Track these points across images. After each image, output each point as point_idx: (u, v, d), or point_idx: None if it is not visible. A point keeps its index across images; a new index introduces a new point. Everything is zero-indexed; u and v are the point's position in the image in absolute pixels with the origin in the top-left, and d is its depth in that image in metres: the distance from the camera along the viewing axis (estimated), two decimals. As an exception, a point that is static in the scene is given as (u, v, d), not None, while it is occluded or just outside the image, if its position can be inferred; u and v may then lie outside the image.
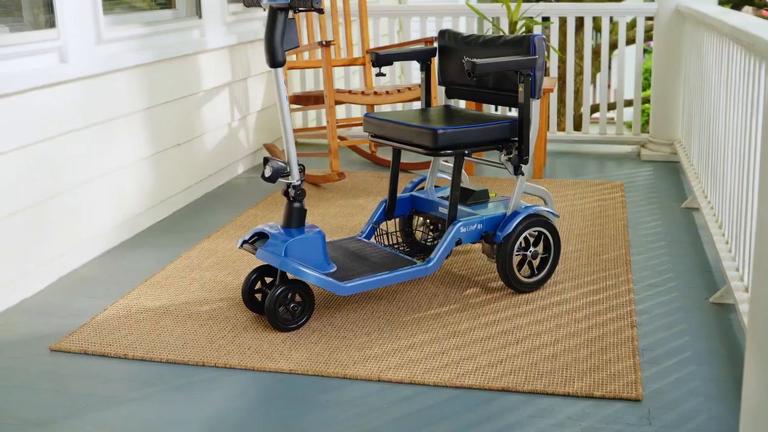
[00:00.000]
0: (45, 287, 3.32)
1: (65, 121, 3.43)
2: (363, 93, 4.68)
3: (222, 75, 4.79)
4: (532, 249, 3.16)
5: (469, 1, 5.48)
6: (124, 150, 3.86)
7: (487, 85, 3.23)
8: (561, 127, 7.54)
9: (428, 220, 3.46)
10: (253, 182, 4.94)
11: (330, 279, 2.82)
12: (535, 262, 3.19)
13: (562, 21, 5.48)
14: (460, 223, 3.05)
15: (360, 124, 5.12)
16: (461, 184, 3.35)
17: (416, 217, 3.48)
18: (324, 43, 4.48)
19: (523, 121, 3.05)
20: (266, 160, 2.85)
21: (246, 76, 5.12)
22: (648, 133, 5.53)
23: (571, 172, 5.07)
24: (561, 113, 8.17)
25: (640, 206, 4.30)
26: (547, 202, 3.31)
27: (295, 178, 2.89)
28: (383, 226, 3.54)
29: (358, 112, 6.08)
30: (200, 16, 4.58)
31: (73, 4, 3.46)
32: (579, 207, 4.26)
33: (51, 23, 3.36)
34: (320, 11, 2.69)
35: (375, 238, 3.35)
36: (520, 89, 3.03)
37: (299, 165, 2.91)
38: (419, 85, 4.80)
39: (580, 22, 6.66)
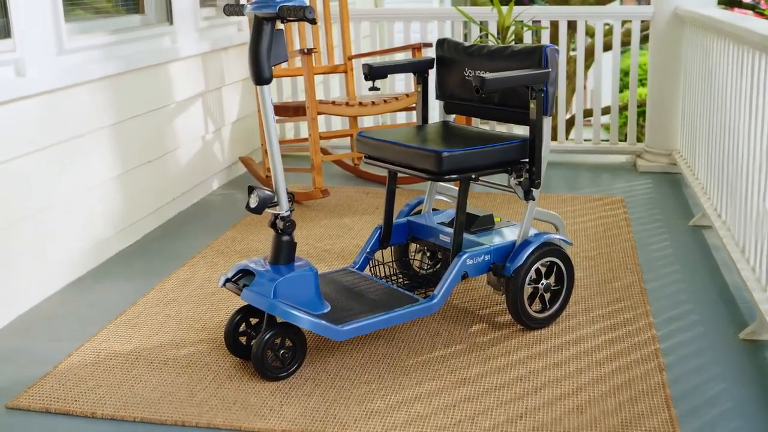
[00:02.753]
0: (1, 328, 2.98)
1: (23, 141, 3.08)
2: (347, 104, 4.37)
3: (195, 85, 4.46)
4: (544, 281, 2.87)
5: (440, 4, 5.18)
6: (90, 169, 3.52)
7: (492, 100, 2.94)
8: (552, 135, 7.11)
9: (426, 249, 3.17)
10: (229, 199, 4.61)
11: (325, 323, 2.51)
12: (547, 296, 2.90)
13: (554, 25, 5.20)
14: (466, 255, 2.75)
15: (343, 136, 4.81)
16: (463, 209, 3.06)
17: (413, 244, 3.19)
18: (305, 50, 4.16)
19: (535, 141, 2.76)
20: (251, 190, 2.54)
21: (220, 85, 4.79)
22: (643, 142, 5.27)
23: (566, 185, 4.80)
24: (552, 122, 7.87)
25: (645, 224, 4.03)
26: (559, 228, 3.02)
27: (283, 209, 2.58)
28: (378, 254, 3.23)
29: (339, 122, 5.77)
30: (171, 22, 4.24)
31: (32, 12, 3.11)
32: (581, 226, 3.99)
33: (6, 33, 3.01)
34: (313, 22, 2.38)
35: (370, 269, 3.04)
36: (532, 106, 2.74)
37: (288, 193, 2.59)
38: (406, 95, 4.51)
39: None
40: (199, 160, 4.56)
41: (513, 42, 4.86)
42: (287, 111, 4.57)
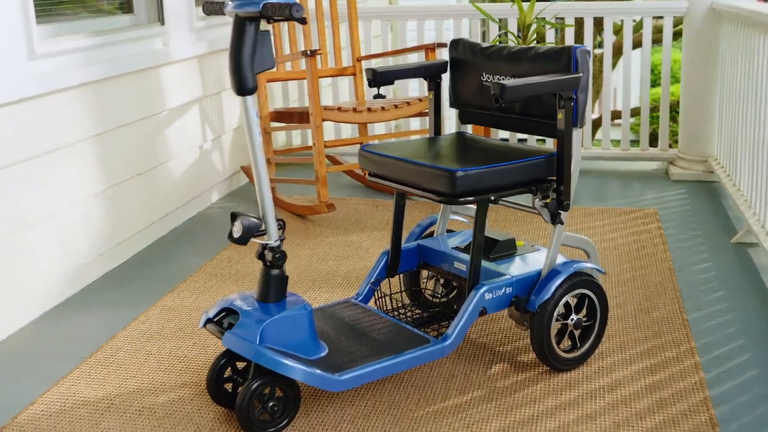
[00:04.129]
0: (-38, 368, 2.65)
1: (-12, 158, 2.76)
2: (355, 110, 4.01)
3: (190, 90, 4.12)
4: (574, 317, 2.50)
5: (458, 2, 4.82)
6: (67, 187, 3.18)
7: (513, 109, 2.58)
8: None
9: (440, 276, 2.81)
10: (228, 212, 4.27)
11: (320, 372, 2.16)
12: (577, 333, 2.53)
13: (578, 22, 4.83)
14: (484, 288, 2.39)
15: (353, 143, 4.45)
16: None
17: (424, 271, 2.83)
18: (309, 52, 3.81)
19: (563, 156, 2.39)
20: (234, 216, 2.19)
21: (219, 90, 4.45)
22: (676, 148, 4.89)
23: (593, 196, 4.42)
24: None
25: (682, 241, 3.65)
26: (591, 255, 2.65)
27: (272, 238, 2.23)
28: (386, 283, 2.88)
29: (348, 129, 5.43)
30: (163, 23, 3.90)
31: (-4, 12, 2.79)
32: (612, 243, 3.61)
33: (-35, 37, 2.68)
34: (302, 21, 2.02)
35: (375, 301, 2.69)
36: (560, 116, 2.37)
37: (278, 220, 2.24)
38: (419, 99, 4.16)
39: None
40: (196, 171, 4.22)
41: (535, 41, 4.50)
42: (291, 117, 4.22)
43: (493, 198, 2.35)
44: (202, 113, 4.28)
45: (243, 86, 2.10)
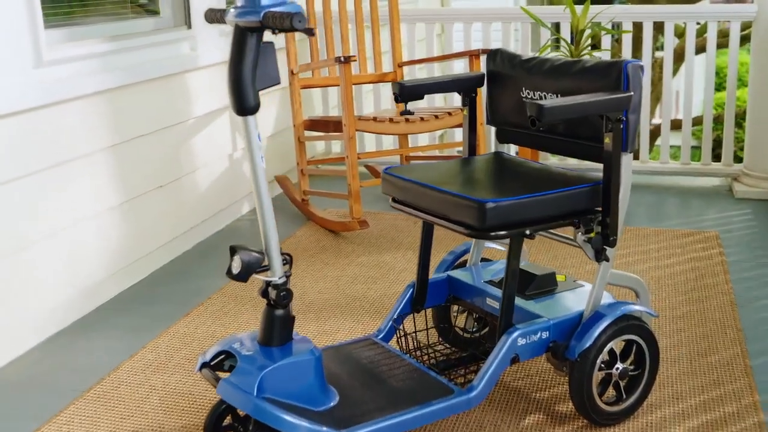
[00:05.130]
0: (-48, 400, 2.47)
1: (-11, 172, 2.58)
2: (391, 120, 3.76)
3: (220, 96, 3.91)
4: (619, 365, 2.21)
5: (515, 4, 4.52)
6: (79, 200, 2.99)
7: (556, 129, 2.29)
8: (633, 154, 6.07)
9: (472, 312, 2.54)
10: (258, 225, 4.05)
11: (327, 430, 1.91)
12: (623, 383, 2.24)
13: (637, 26, 4.50)
14: (517, 333, 2.11)
15: (391, 155, 4.20)
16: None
17: (455, 306, 2.56)
18: (342, 59, 3.57)
19: (610, 185, 2.11)
20: (234, 251, 1.95)
21: (252, 96, 4.22)
22: (741, 163, 4.52)
23: (648, 215, 4.10)
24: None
25: (747, 270, 3.32)
26: (640, 295, 2.35)
27: (276, 275, 1.99)
28: (410, 319, 2.61)
29: (390, 138, 5.16)
30: (190, 26, 3.70)
31: (-1, 17, 2.60)
32: (667, 271, 3.30)
33: (-38, 43, 2.50)
34: (308, 33, 1.78)
35: (397, 340, 2.43)
36: (606, 140, 2.08)
37: (284, 255, 2.00)
38: (461, 109, 3.87)
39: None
40: (225, 182, 4.01)
41: (589, 47, 4.19)
42: (327, 126, 3.99)
43: (528, 232, 2.07)
44: (233, 121, 4.07)
45: (243, 105, 1.87)
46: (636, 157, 4.77)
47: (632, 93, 2.07)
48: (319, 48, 4.23)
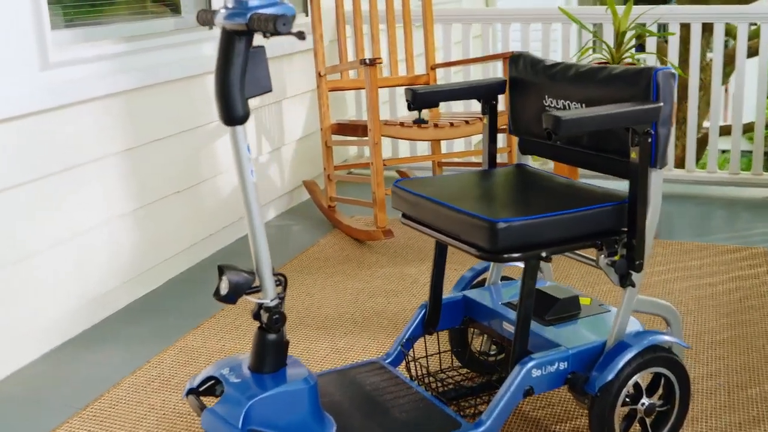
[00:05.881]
0: (-55, 414, 2.38)
1: (-10, 178, 2.48)
2: (419, 125, 3.60)
3: (245, 99, 3.78)
4: (645, 401, 2.03)
5: (567, 4, 4.31)
6: (88, 207, 2.89)
7: (579, 141, 2.11)
8: (678, 162, 5.24)
9: (490, 336, 2.37)
10: (284, 231, 3.93)
11: (315, 467, 1.76)
12: (649, 420, 2.06)
13: (685, 27, 4.27)
14: (531, 363, 1.94)
15: (419, 161, 4.04)
16: (538, 286, 2.25)
17: (472, 329, 2.40)
18: (367, 61, 3.42)
19: (636, 204, 1.92)
20: (222, 271, 1.81)
21: (280, 98, 4.11)
22: (795, 173, 4.27)
23: (692, 228, 3.87)
24: (678, 143, 6.74)
25: (796, 291, 3.09)
26: (672, 324, 2.16)
27: (268, 297, 1.84)
28: (421, 343, 2.45)
29: (425, 143, 4.98)
30: (211, 27, 3.56)
31: None
32: (708, 291, 3.08)
33: (-39, 44, 2.41)
34: (300, 36, 1.63)
35: (406, 364, 2.27)
36: (633, 155, 1.90)
37: (277, 276, 1.86)
38: (480, 118, 3.70)
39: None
40: (248, 187, 3.88)
41: (633, 50, 3.97)
42: (355, 130, 3.84)
43: (544, 254, 1.90)
44: (258, 124, 3.95)
45: (231, 114, 1.73)
46: (681, 166, 4.54)
47: (662, 104, 1.88)
48: (347, 50, 4.09)
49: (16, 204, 2.59)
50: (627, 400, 2.01)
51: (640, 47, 4.86)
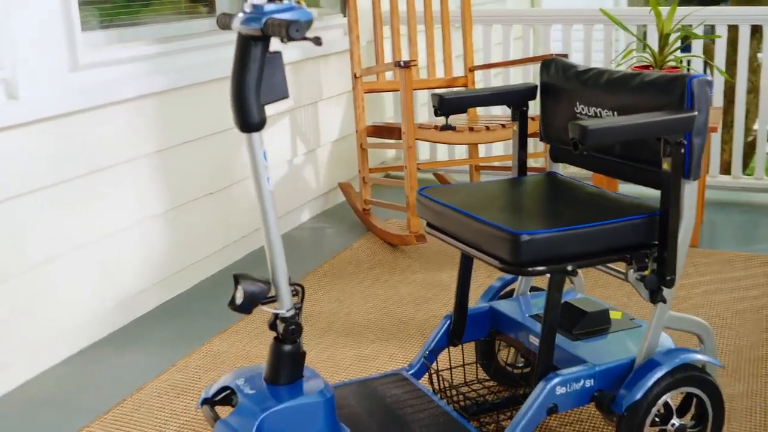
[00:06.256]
0: (-30, 415, 2.39)
1: (22, 178, 2.48)
2: (454, 129, 3.54)
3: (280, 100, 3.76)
4: (675, 421, 1.95)
5: (616, 5, 4.21)
6: (121, 208, 2.89)
7: (611, 150, 2.04)
8: (725, 167, 5.19)
9: (516, 349, 2.31)
10: (318, 234, 3.91)
11: (328, 484, 1.72)
12: (680, 441, 1.98)
13: (733, 29, 4.14)
14: (556, 380, 1.88)
15: (456, 165, 3.97)
16: (567, 298, 2.19)
17: (499, 341, 2.34)
18: (402, 63, 3.37)
19: (668, 217, 1.84)
20: (237, 279, 1.78)
21: (316, 99, 4.08)
22: None
23: (736, 237, 3.75)
24: (725, 147, 6.57)
25: (843, 305, 2.97)
26: (705, 342, 2.07)
27: (284, 307, 1.81)
28: (445, 355, 2.40)
29: (464, 147, 4.91)
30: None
31: (27, 20, 2.50)
32: (751, 304, 2.98)
33: (-10, 46, 2.41)
34: (316, 42, 1.59)
35: (429, 377, 2.22)
36: (665, 165, 1.82)
37: (294, 286, 1.82)
38: (532, 118, 3.62)
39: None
40: (283, 189, 3.87)
41: (678, 51, 3.86)
42: (391, 133, 3.80)
43: (570, 268, 1.83)
44: (294, 125, 3.92)
45: (247, 121, 1.69)
46: (727, 172, 4.41)
47: (696, 113, 1.80)
48: (384, 51, 4.04)
49: (47, 205, 2.59)
50: (656, 420, 1.93)
51: (687, 48, 4.74)
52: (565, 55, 3.69)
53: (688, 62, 4.17)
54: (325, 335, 2.81)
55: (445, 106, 2.15)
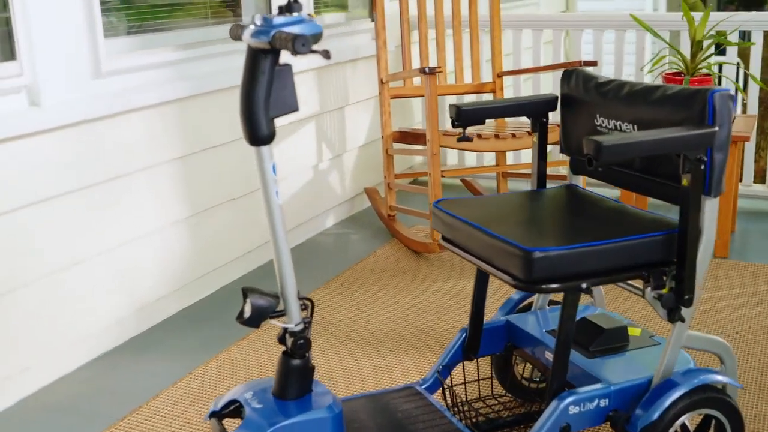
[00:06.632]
0: (-12, 419, 2.41)
1: (44, 184, 2.50)
2: (479, 136, 3.50)
3: (306, 105, 3.76)
4: (693, 444, 1.90)
5: (656, 9, 4.15)
6: (142, 214, 2.90)
7: (631, 163, 2.00)
8: (759, 176, 4.91)
9: (532, 364, 2.27)
10: (342, 239, 3.89)
11: (332, 502, 1.70)
12: (698, 463, 1.93)
13: (768, 36, 4.05)
14: (569, 399, 1.84)
15: (488, 170, 3.93)
16: (585, 314, 2.15)
17: (516, 356, 2.30)
18: (427, 70, 3.34)
19: (687, 234, 1.80)
20: (245, 293, 1.77)
21: (342, 105, 4.07)
22: None
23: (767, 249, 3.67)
24: (761, 154, 6.44)
25: None
26: (725, 362, 2.02)
27: (293, 321, 1.79)
28: (459, 369, 2.37)
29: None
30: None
31: (50, 27, 2.51)
32: (779, 319, 2.91)
33: (12, 54, 2.42)
34: (325, 55, 1.57)
35: (443, 392, 2.19)
36: (684, 182, 1.78)
37: (303, 300, 1.80)
38: (557, 125, 3.58)
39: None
40: (307, 194, 3.86)
41: (712, 58, 3.78)
42: (417, 139, 3.78)
43: (584, 286, 1.79)
44: (319, 131, 3.91)
45: (256, 134, 1.67)
46: (762, 181, 4.31)
47: (717, 128, 1.75)
48: (411, 56, 4.01)
49: (68, 211, 2.60)
50: (673, 441, 1.89)
51: (723, 52, 4.65)
52: (594, 63, 3.64)
53: (720, 69, 4.09)
54: (343, 344, 2.79)
55: (462, 117, 2.12)
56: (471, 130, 3.66)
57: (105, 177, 2.73)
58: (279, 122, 3.58)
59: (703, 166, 1.76)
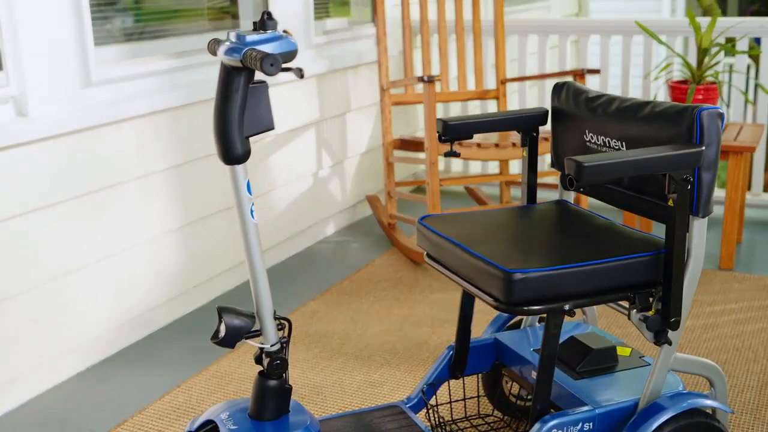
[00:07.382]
0: (-27, 432, 2.39)
1: (31, 195, 2.48)
2: (479, 145, 3.46)
3: (305, 112, 3.73)
4: (680, 470, 1.85)
5: (673, 14, 4.09)
6: (135, 224, 2.87)
7: (620, 181, 1.95)
8: None
9: (519, 384, 2.23)
10: (341, 248, 3.85)
11: None
12: (686, 490, 1.87)
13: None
14: (552, 423, 1.79)
15: (491, 180, 3.88)
16: (574, 332, 2.10)
17: (504, 375, 2.26)
18: (426, 78, 3.30)
19: (673, 256, 1.75)
20: (221, 313, 1.74)
21: (344, 111, 4.03)
22: None
23: (776, 260, 3.60)
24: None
25: None
26: (715, 386, 1.96)
27: (269, 341, 1.76)
28: (445, 388, 2.32)
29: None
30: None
31: (37, 37, 2.49)
32: (781, 335, 2.84)
33: (-1, 64, 2.41)
34: (298, 74, 1.53)
35: (427, 411, 2.15)
36: (671, 202, 1.73)
37: (279, 319, 1.77)
38: (546, 138, 3.53)
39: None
40: (307, 202, 3.83)
41: (717, 63, 3.72)
42: (418, 147, 3.74)
43: (567, 308, 1.75)
44: (319, 138, 3.87)
45: (230, 153, 1.64)
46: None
47: (704, 148, 1.70)
48: (413, 63, 3.97)
49: (60, 221, 2.58)
50: (660, 467, 1.84)
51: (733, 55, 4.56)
52: (598, 71, 3.58)
53: (729, 76, 4.02)
54: (334, 358, 2.76)
55: (449, 131, 2.08)
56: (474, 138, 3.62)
57: (95, 187, 2.71)
58: (279, 129, 3.56)
59: (690, 186, 1.71)
